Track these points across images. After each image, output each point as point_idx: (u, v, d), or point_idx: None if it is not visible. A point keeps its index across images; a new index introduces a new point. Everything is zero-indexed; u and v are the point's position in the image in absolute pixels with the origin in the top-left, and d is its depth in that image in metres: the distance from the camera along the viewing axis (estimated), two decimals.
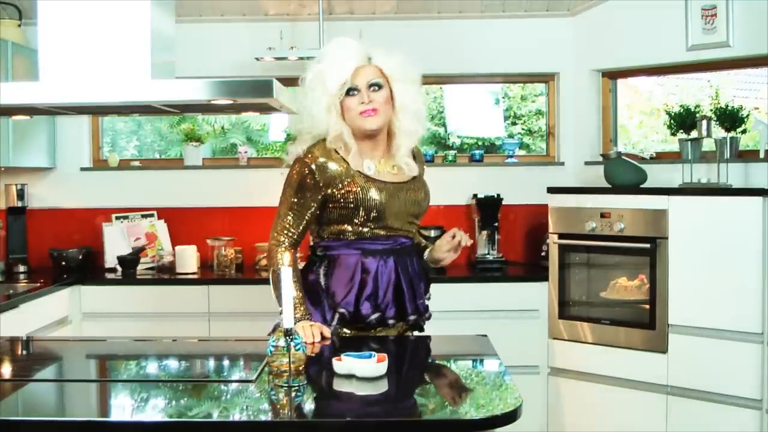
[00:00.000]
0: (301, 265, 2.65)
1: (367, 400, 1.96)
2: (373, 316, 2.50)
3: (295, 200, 2.48)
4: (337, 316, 2.50)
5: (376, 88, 2.48)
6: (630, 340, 3.78)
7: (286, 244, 2.50)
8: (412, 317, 2.55)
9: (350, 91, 2.47)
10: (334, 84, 2.45)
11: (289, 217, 2.50)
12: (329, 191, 2.46)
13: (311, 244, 2.63)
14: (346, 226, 2.50)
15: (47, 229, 4.57)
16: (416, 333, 2.67)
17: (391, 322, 2.53)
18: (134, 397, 1.97)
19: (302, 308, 2.44)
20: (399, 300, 2.53)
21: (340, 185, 2.46)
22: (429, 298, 2.66)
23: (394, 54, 2.54)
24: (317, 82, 2.47)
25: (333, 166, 2.46)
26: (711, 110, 4.09)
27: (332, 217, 2.50)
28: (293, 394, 1.93)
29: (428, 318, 2.65)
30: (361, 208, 2.46)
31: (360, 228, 2.49)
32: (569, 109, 4.64)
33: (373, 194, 2.46)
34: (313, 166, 2.46)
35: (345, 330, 2.53)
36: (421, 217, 2.63)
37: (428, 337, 2.62)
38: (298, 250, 2.58)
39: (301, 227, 2.50)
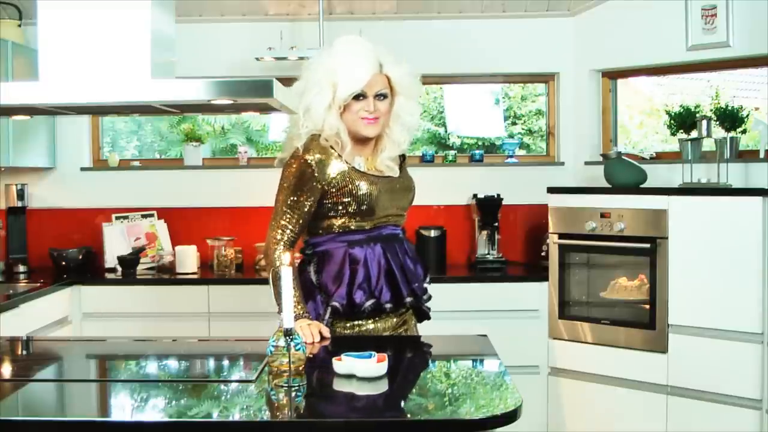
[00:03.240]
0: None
1: (367, 400, 1.96)
2: (368, 303, 2.51)
3: (294, 198, 2.50)
4: (329, 310, 2.51)
5: (382, 98, 2.53)
6: (630, 340, 3.78)
7: (284, 241, 2.51)
8: (408, 299, 2.57)
9: (357, 96, 2.50)
10: (346, 92, 2.48)
11: (287, 216, 2.51)
12: (326, 187, 2.49)
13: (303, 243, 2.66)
14: (335, 220, 2.53)
15: (47, 229, 4.57)
16: (420, 324, 2.70)
17: (387, 306, 2.53)
18: (134, 397, 1.97)
19: (300, 307, 2.45)
20: (393, 285, 2.54)
21: (336, 181, 2.49)
22: (429, 282, 2.70)
23: (402, 65, 2.58)
24: (326, 81, 2.49)
25: (330, 162, 2.49)
26: (711, 110, 4.09)
27: (323, 212, 2.53)
28: (293, 394, 1.93)
29: (428, 299, 2.67)
30: (354, 203, 2.50)
31: (348, 221, 2.53)
32: (569, 109, 4.64)
33: (366, 188, 2.50)
34: (312, 163, 2.48)
35: (340, 325, 2.54)
36: (404, 214, 2.67)
37: (428, 337, 2.62)
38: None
39: (299, 225, 2.51)
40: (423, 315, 2.70)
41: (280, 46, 4.32)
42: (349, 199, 2.50)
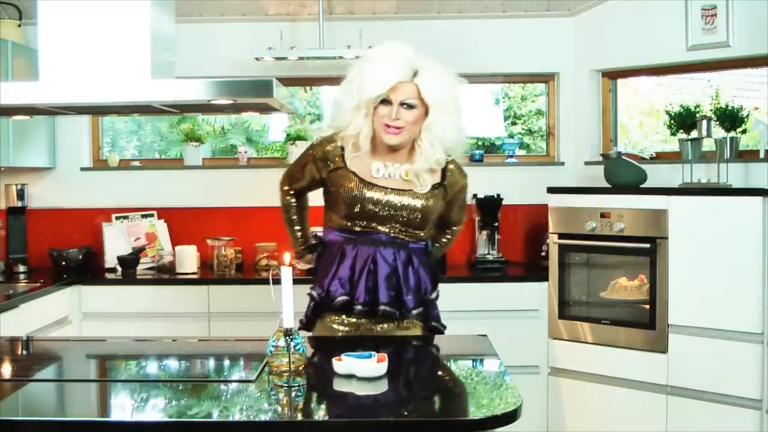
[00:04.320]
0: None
1: (367, 400, 1.96)
2: (339, 298, 2.56)
3: (298, 168, 2.76)
4: (310, 301, 2.66)
5: (408, 107, 2.53)
6: (630, 340, 3.78)
7: (287, 188, 2.82)
8: (382, 307, 2.55)
9: (383, 101, 2.53)
10: (370, 93, 2.52)
11: (292, 174, 2.80)
12: (323, 180, 2.66)
13: None
14: (332, 214, 2.65)
15: (47, 229, 4.57)
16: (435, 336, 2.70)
17: (357, 308, 2.56)
18: (134, 397, 1.98)
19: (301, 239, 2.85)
20: (374, 289, 2.56)
21: (332, 182, 2.62)
22: (436, 297, 2.69)
23: (441, 78, 2.57)
24: (356, 82, 2.55)
25: (327, 167, 2.62)
26: (711, 110, 4.09)
27: (328, 204, 2.67)
28: (293, 394, 1.93)
29: (417, 315, 2.62)
30: (345, 205, 2.57)
31: (339, 219, 2.62)
32: (569, 109, 4.64)
33: (360, 194, 2.55)
34: (316, 157, 2.66)
35: (344, 322, 2.60)
36: (418, 228, 2.63)
37: (428, 337, 2.62)
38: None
39: (297, 185, 2.79)
40: (435, 329, 2.68)
41: (280, 46, 4.32)
42: (342, 201, 2.58)
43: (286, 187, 2.83)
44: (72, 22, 2.18)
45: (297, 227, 2.85)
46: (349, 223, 2.58)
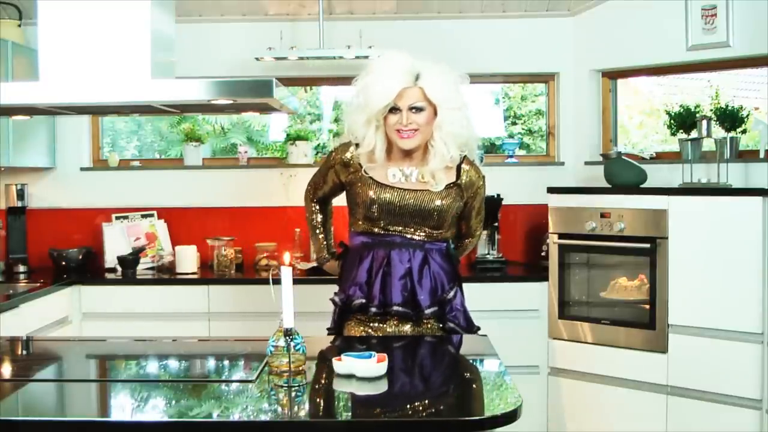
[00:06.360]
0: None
1: (367, 400, 1.96)
2: (357, 301, 2.62)
3: (320, 176, 2.85)
4: (334, 307, 2.72)
5: (417, 110, 2.58)
6: (630, 340, 3.78)
7: (311, 196, 2.92)
8: (396, 308, 2.59)
9: (392, 110, 2.58)
10: (377, 105, 2.57)
11: (314, 186, 2.90)
12: (343, 184, 2.74)
13: None
14: (356, 219, 2.71)
15: (47, 229, 4.57)
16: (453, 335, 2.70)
17: (372, 310, 2.60)
18: (134, 397, 1.98)
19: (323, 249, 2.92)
20: (387, 291, 2.60)
21: (351, 186, 2.69)
22: (453, 296, 2.67)
23: (443, 76, 2.62)
24: (362, 96, 2.61)
25: (347, 171, 2.70)
26: (711, 110, 4.09)
27: (350, 209, 2.74)
28: (293, 394, 1.93)
29: (432, 314, 2.63)
30: (364, 207, 2.63)
31: (361, 222, 2.67)
32: (569, 109, 4.64)
33: (376, 195, 2.61)
34: (336, 162, 2.74)
35: (359, 326, 2.65)
36: (435, 228, 2.66)
37: (428, 337, 2.62)
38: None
39: (320, 192, 2.87)
40: (452, 331, 2.67)
41: (280, 46, 4.32)
42: (360, 204, 2.64)
43: (310, 196, 2.92)
44: (72, 22, 2.19)
45: (320, 235, 2.94)
46: (368, 226, 2.65)
